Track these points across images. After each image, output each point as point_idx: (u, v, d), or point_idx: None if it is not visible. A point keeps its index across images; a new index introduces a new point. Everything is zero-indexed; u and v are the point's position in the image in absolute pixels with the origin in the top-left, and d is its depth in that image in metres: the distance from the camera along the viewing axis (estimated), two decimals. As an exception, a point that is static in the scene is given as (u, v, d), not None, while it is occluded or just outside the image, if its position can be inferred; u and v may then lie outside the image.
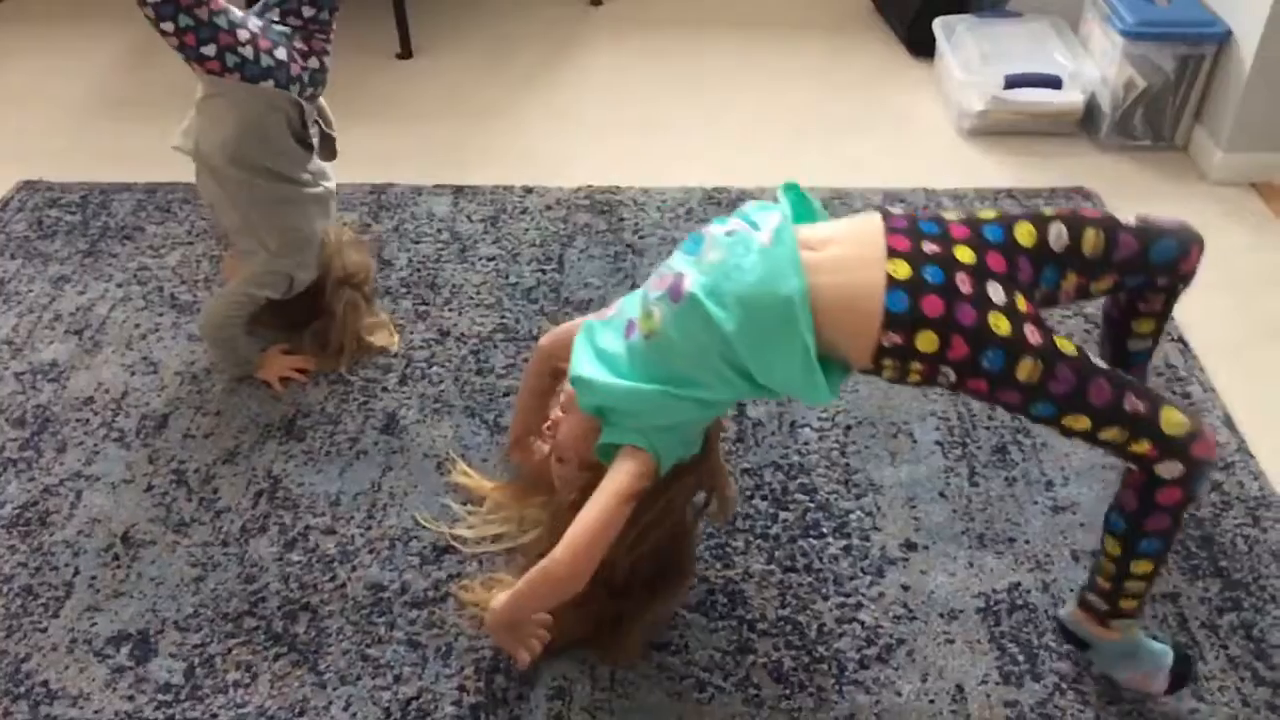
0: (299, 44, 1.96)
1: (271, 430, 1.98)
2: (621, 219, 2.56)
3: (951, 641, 1.63)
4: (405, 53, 3.26)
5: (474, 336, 2.20)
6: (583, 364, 1.53)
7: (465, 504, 1.83)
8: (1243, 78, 2.57)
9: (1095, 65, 2.83)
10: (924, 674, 1.59)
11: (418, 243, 2.46)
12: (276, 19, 1.96)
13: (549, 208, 2.60)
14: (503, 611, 1.54)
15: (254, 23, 1.92)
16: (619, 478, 1.46)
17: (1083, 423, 1.38)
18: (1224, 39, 2.63)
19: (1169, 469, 1.37)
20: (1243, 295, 2.34)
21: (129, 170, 2.69)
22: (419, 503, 1.84)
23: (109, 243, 2.45)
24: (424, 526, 1.79)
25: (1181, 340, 2.19)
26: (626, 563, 1.55)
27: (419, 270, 2.37)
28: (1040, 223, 1.45)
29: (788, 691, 1.56)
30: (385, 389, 2.07)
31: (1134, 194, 2.64)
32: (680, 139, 2.90)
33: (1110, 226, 1.48)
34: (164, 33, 1.85)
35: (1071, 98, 2.81)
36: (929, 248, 1.40)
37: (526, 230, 2.52)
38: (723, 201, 2.61)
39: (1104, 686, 1.57)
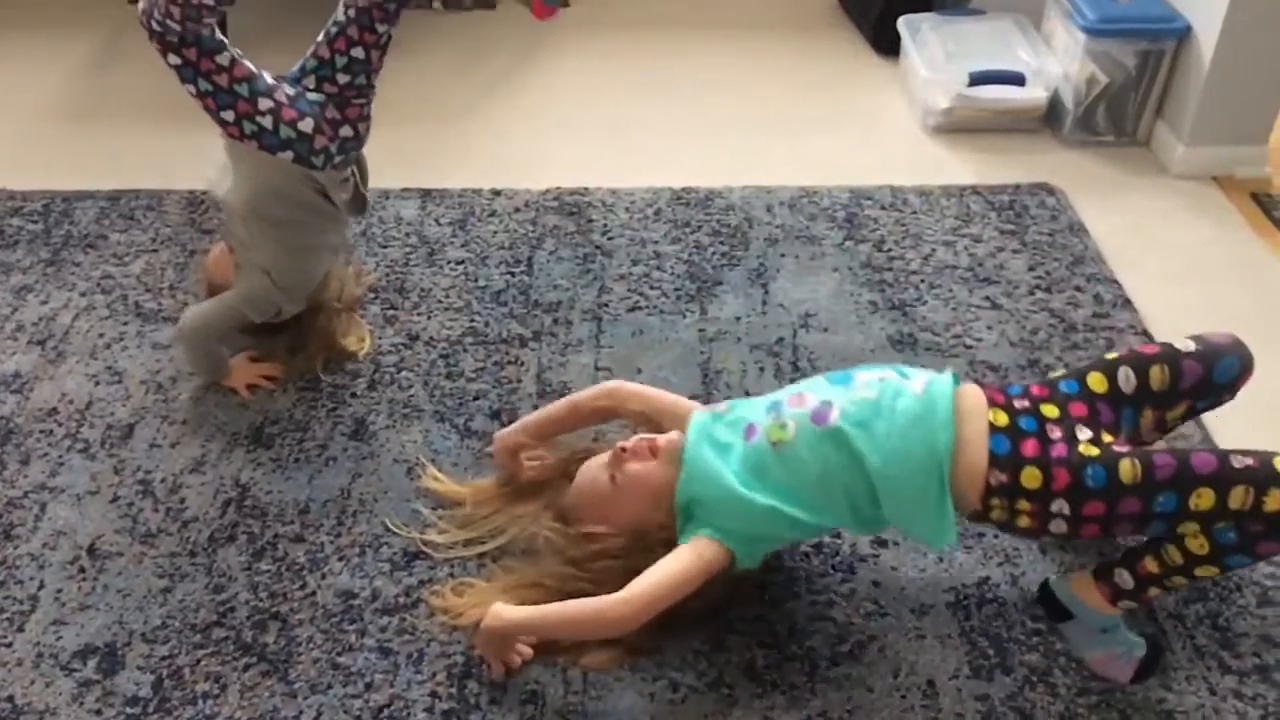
0: (332, 113, 1.92)
1: (239, 438, 1.96)
2: (590, 220, 2.56)
3: (923, 637, 1.64)
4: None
5: (443, 340, 2.19)
6: (706, 456, 1.59)
7: (436, 509, 1.82)
8: (1203, 72, 2.60)
9: (1058, 62, 2.86)
10: (896, 669, 1.59)
11: (385, 247, 2.45)
12: (312, 86, 1.92)
13: (517, 210, 2.59)
14: (512, 624, 1.54)
15: (284, 91, 1.89)
16: (702, 557, 1.54)
17: (1207, 497, 1.43)
18: (1184, 34, 2.66)
19: None
20: (1206, 288, 2.37)
21: (91, 178, 2.66)
22: (389, 509, 1.83)
23: (72, 251, 2.42)
24: (394, 532, 1.78)
25: (1146, 333, 2.21)
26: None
27: (387, 275, 2.36)
28: (1109, 369, 1.59)
29: (760, 690, 1.56)
30: (354, 394, 2.06)
31: (1097, 189, 2.67)
32: (648, 140, 2.90)
33: (1172, 358, 1.58)
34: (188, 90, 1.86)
35: (1035, 94, 2.83)
36: (1019, 404, 1.56)
37: (495, 233, 2.51)
38: (691, 202, 2.62)
39: (1074, 679, 1.58)
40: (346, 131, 1.95)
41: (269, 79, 1.89)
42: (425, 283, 2.35)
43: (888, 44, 3.19)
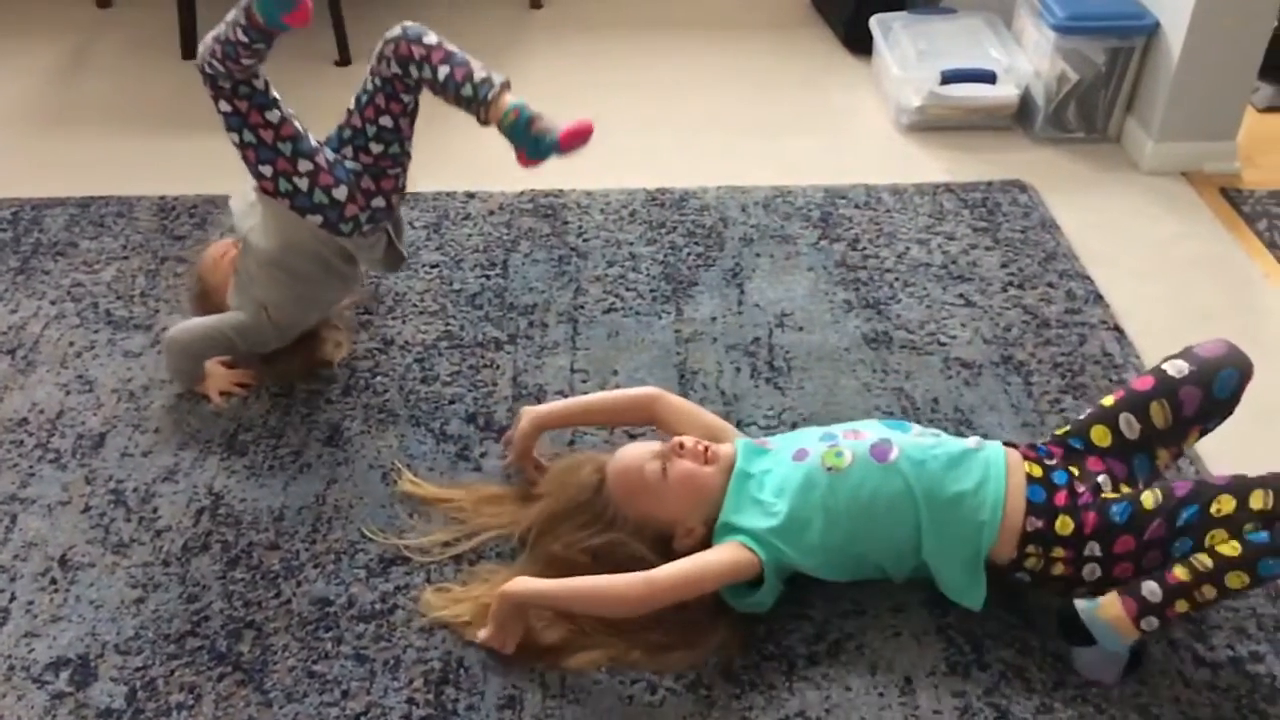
0: (367, 182, 1.92)
1: (212, 446, 1.95)
2: (565, 222, 2.55)
3: (899, 634, 1.64)
4: (343, 59, 3.23)
5: (418, 345, 2.18)
6: (750, 475, 1.67)
7: (412, 515, 1.81)
8: (1171, 69, 2.62)
9: (1028, 60, 2.88)
10: (873, 667, 1.60)
11: (359, 251, 2.43)
12: (350, 156, 1.92)
13: (492, 213, 2.59)
14: (533, 594, 1.55)
15: (325, 156, 1.89)
16: (735, 561, 1.58)
17: (1228, 502, 1.47)
18: (1153, 31, 2.68)
19: None
20: (1176, 282, 2.39)
21: (61, 185, 2.64)
22: (365, 515, 1.82)
23: (41, 259, 2.40)
24: (370, 539, 1.77)
25: (1118, 328, 2.23)
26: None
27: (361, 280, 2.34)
28: (1110, 419, 1.64)
29: (738, 691, 1.56)
30: (329, 400, 2.05)
31: (1069, 186, 2.69)
32: (622, 141, 2.90)
33: (1169, 389, 1.60)
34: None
35: (1006, 92, 2.85)
36: (1049, 461, 1.64)
37: (470, 236, 2.50)
38: (666, 203, 2.62)
39: (1049, 674, 1.59)
40: (379, 202, 1.95)
41: (313, 142, 1.90)
42: (400, 287, 2.34)
43: (860, 43, 3.20)
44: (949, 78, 2.82)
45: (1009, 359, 2.16)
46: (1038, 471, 1.61)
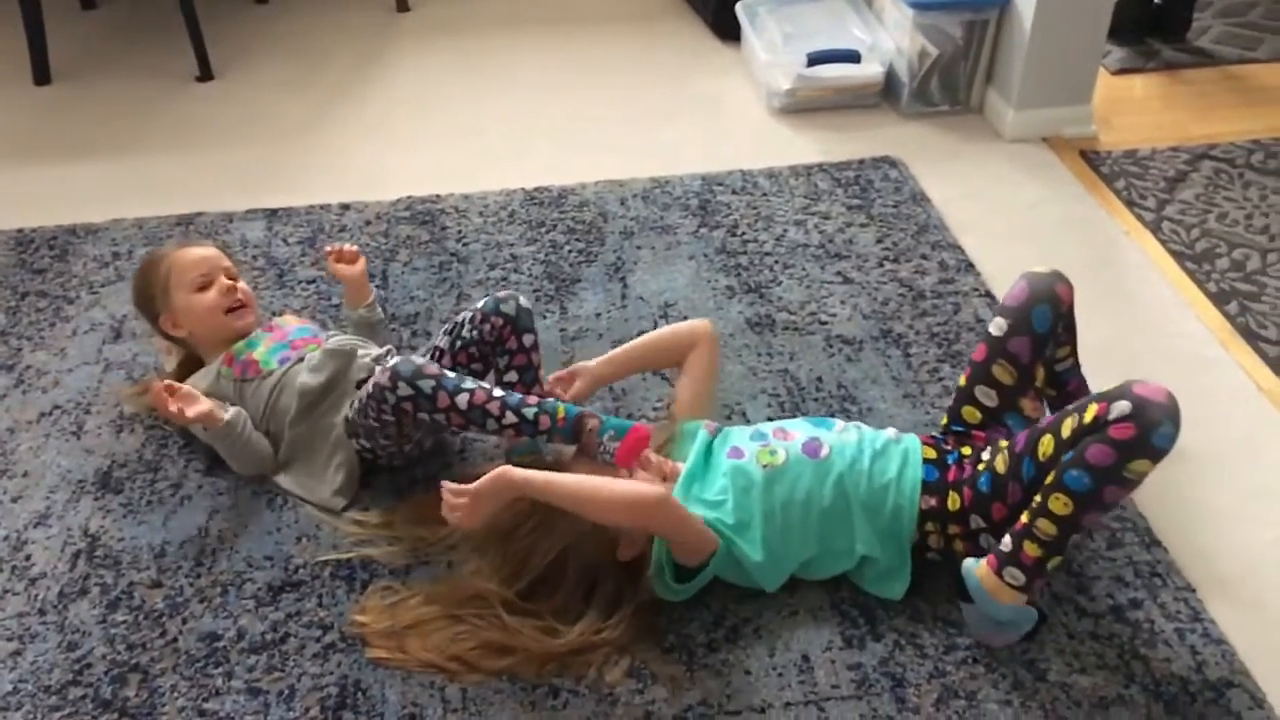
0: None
1: (85, 486, 1.88)
2: (444, 228, 2.52)
3: (795, 613, 1.66)
4: (205, 75, 3.14)
5: (297, 364, 2.13)
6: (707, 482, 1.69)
7: (300, 539, 1.77)
8: (1025, 38, 2.69)
9: (890, 37, 2.93)
10: (771, 649, 1.62)
11: (231, 273, 2.37)
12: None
13: (368, 223, 2.54)
14: (530, 486, 1.53)
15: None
16: (704, 528, 1.60)
17: (1049, 443, 1.53)
18: (1005, 3, 2.75)
19: (1118, 408, 1.44)
20: (1042, 245, 2.46)
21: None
22: (251, 545, 1.77)
23: (-111, 305, 2.28)
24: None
25: (989, 295, 2.29)
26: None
27: (234, 301, 2.28)
28: (969, 397, 1.72)
29: (641, 686, 1.57)
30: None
31: (937, 158, 2.75)
32: (497, 141, 2.88)
33: (1000, 347, 1.68)
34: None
35: (871, 70, 2.90)
36: (945, 445, 1.70)
37: (346, 248, 2.45)
38: (544, 201, 2.60)
39: (939, 638, 1.63)
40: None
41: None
42: (276, 305, 2.28)
43: (729, 30, 3.23)
44: (815, 59, 2.86)
45: (888, 332, 2.20)
46: (933, 454, 1.68)
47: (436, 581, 1.69)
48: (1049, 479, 1.50)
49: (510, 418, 1.71)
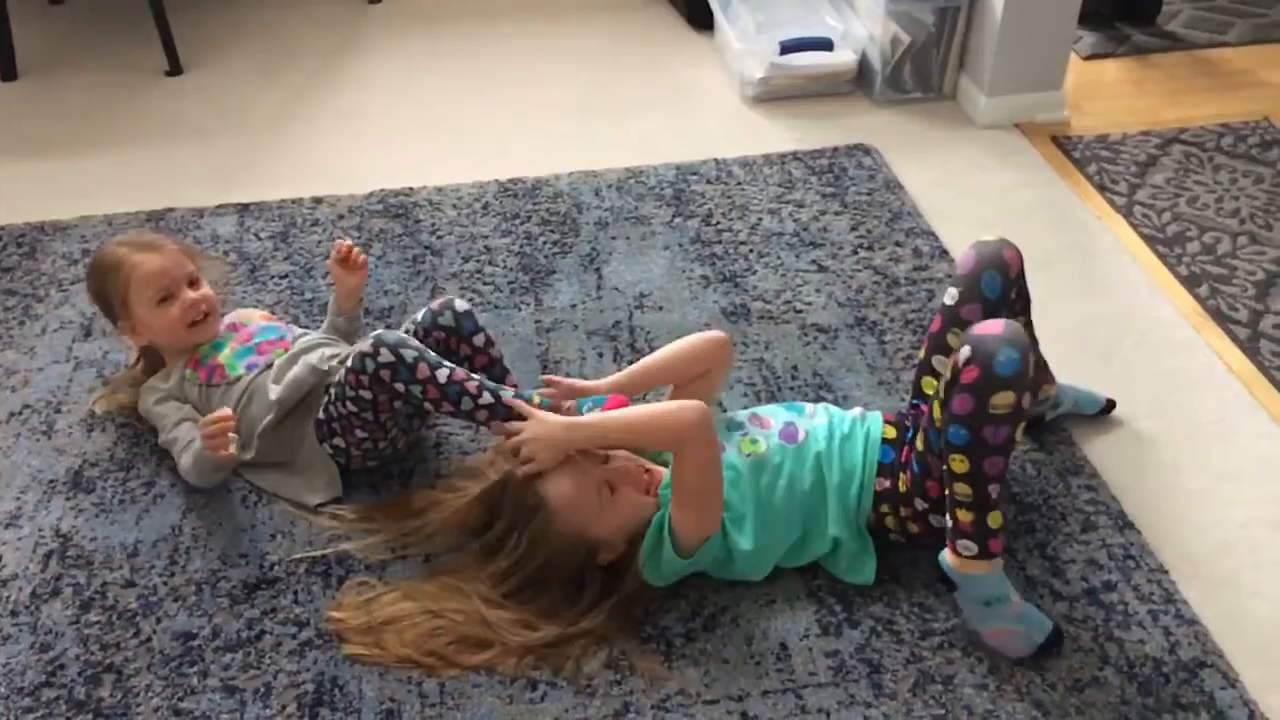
0: None
1: (56, 486, 1.86)
2: (418, 221, 2.51)
3: (773, 602, 1.67)
4: (174, 69, 3.11)
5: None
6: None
7: (274, 536, 1.76)
8: (996, 24, 2.70)
9: (863, 25, 2.93)
10: (749, 637, 1.62)
11: (202, 268, 2.35)
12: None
13: (341, 217, 2.53)
14: (588, 435, 1.60)
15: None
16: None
17: (936, 405, 1.58)
18: (976, -11, 2.76)
19: (962, 354, 1.48)
20: (1015, 231, 2.41)
21: None
22: (224, 543, 1.76)
23: None
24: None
25: (964, 281, 2.30)
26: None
27: (206, 297, 2.26)
28: (928, 369, 1.70)
29: (619, 677, 1.57)
30: (179, 426, 1.97)
31: (910, 145, 2.75)
32: (471, 133, 2.86)
33: (953, 316, 1.67)
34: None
35: (844, 58, 2.90)
36: (906, 423, 1.71)
37: (320, 242, 2.44)
38: (518, 193, 2.59)
39: (916, 624, 1.63)
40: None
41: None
42: (249, 300, 2.27)
43: (702, 19, 3.22)
44: (788, 47, 2.86)
45: (863, 320, 2.20)
46: (892, 434, 1.69)
47: (413, 577, 1.68)
48: (942, 443, 1.53)
49: (487, 397, 1.70)
